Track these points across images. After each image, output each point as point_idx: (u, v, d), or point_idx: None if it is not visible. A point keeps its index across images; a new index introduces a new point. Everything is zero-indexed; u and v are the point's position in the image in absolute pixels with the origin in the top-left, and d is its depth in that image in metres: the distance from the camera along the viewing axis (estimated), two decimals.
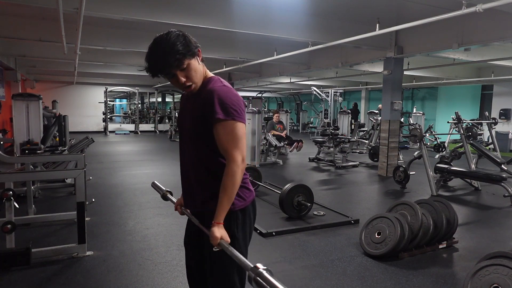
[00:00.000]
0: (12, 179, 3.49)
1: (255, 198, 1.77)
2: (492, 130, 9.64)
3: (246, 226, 1.68)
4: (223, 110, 1.52)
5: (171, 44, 1.50)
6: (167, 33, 1.53)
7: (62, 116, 7.68)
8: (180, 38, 1.52)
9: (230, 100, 1.55)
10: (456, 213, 3.83)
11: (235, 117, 1.54)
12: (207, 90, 1.59)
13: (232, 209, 1.61)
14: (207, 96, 1.56)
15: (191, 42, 1.55)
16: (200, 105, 1.59)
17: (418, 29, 6.52)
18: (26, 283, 2.88)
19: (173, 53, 1.49)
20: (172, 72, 1.54)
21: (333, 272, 3.17)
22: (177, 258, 3.38)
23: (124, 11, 5.10)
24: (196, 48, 1.57)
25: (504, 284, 2.37)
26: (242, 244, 1.66)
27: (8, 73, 11.08)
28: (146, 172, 7.81)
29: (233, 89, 1.63)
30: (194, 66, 1.57)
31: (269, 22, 6.04)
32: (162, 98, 24.72)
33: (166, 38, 1.51)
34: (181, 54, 1.50)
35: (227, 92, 1.57)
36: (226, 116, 1.52)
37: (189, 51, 1.53)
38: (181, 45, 1.51)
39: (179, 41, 1.51)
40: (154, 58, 1.53)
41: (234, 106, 1.55)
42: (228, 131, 1.53)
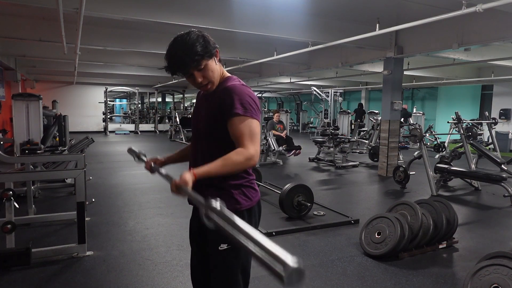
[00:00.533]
0: (12, 179, 3.49)
1: (260, 199, 1.77)
2: (492, 130, 9.64)
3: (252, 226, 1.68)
4: (242, 106, 1.54)
5: (191, 44, 1.52)
6: (188, 33, 1.56)
7: (62, 116, 7.69)
8: (199, 39, 1.54)
9: (248, 97, 1.57)
10: (456, 213, 3.83)
11: (253, 115, 1.56)
12: (226, 87, 1.60)
13: (239, 208, 1.62)
14: (226, 93, 1.58)
15: (210, 43, 1.58)
16: (217, 102, 1.60)
17: (418, 29, 6.52)
18: (26, 283, 2.88)
19: (192, 54, 1.52)
20: (190, 72, 1.57)
21: (333, 272, 3.17)
22: (177, 258, 3.38)
23: (124, 11, 5.10)
24: (214, 49, 1.59)
25: (504, 284, 2.37)
26: None
27: (8, 73, 11.08)
28: (146, 172, 7.79)
29: (250, 88, 1.65)
30: (212, 66, 1.59)
31: (269, 22, 6.04)
32: (162, 98, 24.72)
33: (186, 39, 1.54)
34: (200, 55, 1.53)
35: (245, 90, 1.59)
36: (245, 112, 1.54)
37: (207, 52, 1.55)
38: (200, 46, 1.53)
39: (199, 42, 1.53)
40: (174, 57, 1.55)
41: (252, 104, 1.57)
42: (246, 125, 1.54)
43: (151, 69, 13.38)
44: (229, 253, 1.61)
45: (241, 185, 1.66)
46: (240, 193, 1.64)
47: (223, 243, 1.61)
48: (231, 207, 1.60)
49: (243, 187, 1.65)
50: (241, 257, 1.64)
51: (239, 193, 1.64)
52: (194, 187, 1.71)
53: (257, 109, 1.60)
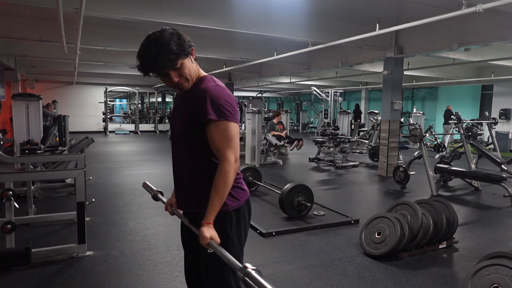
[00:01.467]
0: (12, 179, 3.49)
1: (249, 198, 1.75)
2: (492, 130, 9.64)
3: (241, 227, 1.67)
4: (215, 110, 1.50)
5: (165, 43, 1.46)
6: (161, 31, 1.49)
7: (62, 116, 7.69)
8: (174, 37, 1.48)
9: (223, 100, 1.53)
10: (456, 213, 3.83)
11: (228, 117, 1.52)
12: (200, 89, 1.56)
13: (226, 210, 1.59)
14: (200, 96, 1.54)
15: (185, 41, 1.52)
16: (192, 104, 1.57)
17: (418, 29, 6.52)
18: (26, 283, 2.88)
19: (166, 53, 1.46)
20: (165, 71, 1.52)
21: (333, 272, 3.17)
22: (177, 258, 3.38)
23: (124, 11, 5.10)
24: (190, 47, 1.53)
25: (504, 284, 2.37)
26: (237, 244, 1.65)
27: (8, 73, 11.08)
28: (146, 172, 7.81)
29: (226, 88, 1.61)
30: (188, 65, 1.54)
31: (269, 22, 6.04)
32: (162, 98, 24.72)
33: (160, 37, 1.47)
34: (175, 53, 1.47)
35: (219, 92, 1.54)
36: (218, 116, 1.50)
37: (183, 50, 1.50)
38: (175, 44, 1.47)
39: (173, 40, 1.47)
40: (147, 56, 1.49)
41: (227, 106, 1.53)
42: (221, 131, 1.51)
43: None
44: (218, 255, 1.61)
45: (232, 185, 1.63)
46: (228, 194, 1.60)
47: None
48: None
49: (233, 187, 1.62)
50: None
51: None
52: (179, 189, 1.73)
53: (232, 110, 1.54)
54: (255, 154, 8.45)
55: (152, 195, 1.99)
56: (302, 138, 9.22)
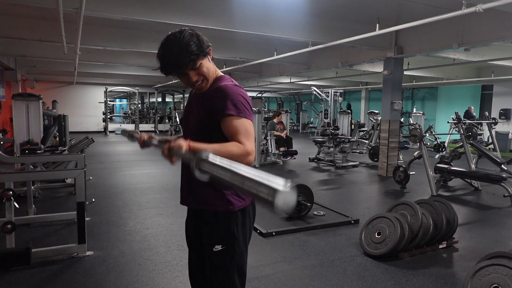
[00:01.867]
0: (12, 179, 3.49)
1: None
2: (492, 130, 9.64)
3: (246, 226, 1.68)
4: (235, 106, 1.52)
5: (185, 44, 1.48)
6: (181, 32, 1.51)
7: (62, 116, 7.68)
8: (193, 38, 1.51)
9: (242, 97, 1.55)
10: (456, 213, 3.83)
11: (246, 115, 1.53)
12: (218, 87, 1.58)
13: (232, 209, 1.60)
14: (218, 93, 1.55)
15: (204, 41, 1.54)
16: (209, 102, 1.58)
17: (418, 29, 6.51)
18: (26, 283, 2.88)
19: (187, 54, 1.48)
20: (186, 72, 1.54)
21: (333, 272, 3.17)
22: (177, 258, 3.38)
23: (124, 11, 5.10)
24: (208, 47, 1.56)
25: (504, 284, 2.37)
26: (242, 244, 1.65)
27: (8, 73, 11.08)
28: (146, 172, 7.81)
29: (242, 88, 1.63)
30: (206, 65, 1.57)
31: (269, 22, 6.04)
32: (162, 98, 24.71)
33: (180, 37, 1.49)
34: (195, 54, 1.50)
35: (238, 90, 1.57)
36: (238, 112, 1.51)
37: (202, 51, 1.52)
38: (195, 45, 1.49)
39: (193, 41, 1.50)
40: (168, 57, 1.51)
41: (245, 104, 1.55)
42: (241, 124, 1.51)
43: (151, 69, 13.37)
44: (224, 254, 1.61)
45: None
46: (233, 193, 1.61)
47: (218, 244, 1.60)
48: (224, 208, 1.60)
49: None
50: (236, 257, 1.63)
51: (232, 193, 1.62)
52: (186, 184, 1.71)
53: (249, 109, 1.57)
54: (255, 154, 8.44)
55: (127, 136, 1.89)
56: (297, 151, 9.19)
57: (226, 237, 1.59)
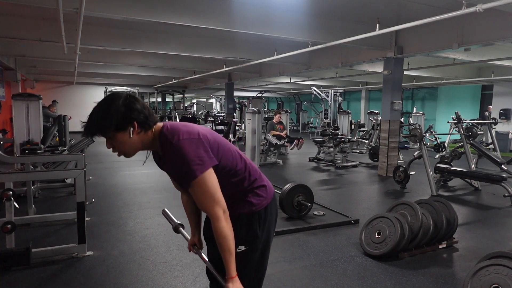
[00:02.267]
0: (12, 179, 3.48)
1: (274, 193, 1.77)
2: (492, 130, 9.64)
3: (270, 224, 1.70)
4: (188, 170, 1.45)
5: (97, 115, 1.46)
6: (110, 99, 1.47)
7: (62, 116, 7.68)
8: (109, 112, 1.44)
9: (188, 155, 1.45)
10: (456, 213, 3.83)
11: (202, 171, 1.45)
12: (166, 149, 1.51)
13: (255, 210, 1.63)
14: (171, 158, 1.50)
15: (124, 116, 1.45)
16: (173, 165, 1.53)
17: (418, 29, 6.52)
18: (26, 283, 2.88)
19: (97, 123, 1.46)
20: (99, 134, 1.49)
21: (333, 272, 3.17)
22: (177, 258, 3.38)
23: (124, 11, 5.10)
24: (129, 122, 1.46)
25: (504, 284, 2.37)
26: (264, 243, 1.68)
27: (8, 73, 11.08)
28: (146, 172, 7.81)
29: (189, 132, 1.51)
30: (120, 139, 1.48)
31: (269, 22, 6.04)
32: (162, 98, 24.65)
33: (103, 105, 1.47)
34: (104, 128, 1.45)
35: (183, 148, 1.46)
36: (193, 175, 1.44)
37: (113, 126, 1.44)
38: (108, 120, 1.44)
39: (106, 116, 1.44)
40: (89, 119, 1.49)
41: (196, 159, 1.45)
42: (201, 190, 1.47)
43: (151, 69, 13.38)
44: (247, 253, 1.63)
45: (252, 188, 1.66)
46: (253, 194, 1.65)
47: (241, 245, 1.61)
48: (247, 210, 1.63)
49: (255, 188, 1.66)
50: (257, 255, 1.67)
51: (252, 195, 1.65)
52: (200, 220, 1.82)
53: (202, 159, 1.46)
54: (255, 154, 8.45)
55: (173, 227, 1.89)
56: (302, 137, 9.21)
57: (249, 237, 1.62)
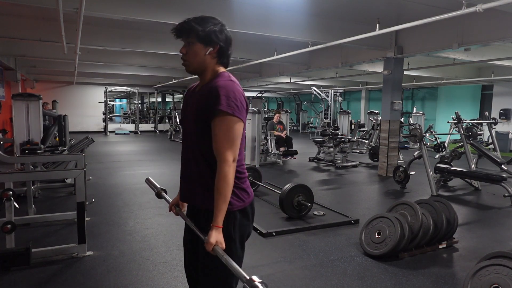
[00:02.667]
0: (12, 179, 3.48)
1: (253, 200, 1.75)
2: (492, 130, 9.64)
3: (244, 227, 1.67)
4: (227, 102, 1.52)
5: (199, 21, 1.61)
6: (213, 18, 1.66)
7: (62, 116, 7.68)
8: (210, 26, 1.61)
9: (233, 94, 1.55)
10: (456, 213, 3.83)
11: (235, 112, 1.53)
12: (213, 83, 1.59)
13: (230, 209, 1.59)
14: (212, 90, 1.56)
15: (216, 36, 1.62)
16: (204, 98, 1.59)
17: (418, 29, 6.52)
18: (26, 283, 2.88)
19: (190, 26, 1.59)
20: (178, 36, 1.63)
21: (333, 272, 3.17)
22: (177, 258, 3.38)
23: (124, 11, 5.10)
24: (214, 42, 1.62)
25: (504, 284, 2.37)
26: (238, 245, 1.65)
27: (8, 73, 11.08)
28: (146, 172, 7.81)
29: (239, 85, 1.64)
30: (197, 50, 1.61)
31: (269, 22, 6.04)
32: (162, 98, 24.73)
33: (204, 17, 1.64)
34: (194, 31, 1.58)
35: (231, 86, 1.57)
36: (227, 108, 1.51)
37: (201, 36, 1.59)
38: (203, 28, 1.59)
39: (206, 26, 1.59)
40: (187, 20, 1.63)
41: (237, 101, 1.54)
42: (225, 127, 1.52)
43: (151, 69, 13.37)
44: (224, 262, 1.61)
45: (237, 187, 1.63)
46: (232, 194, 1.60)
47: None
48: None
49: (235, 189, 1.62)
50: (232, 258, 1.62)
51: (234, 195, 1.62)
52: (185, 182, 1.75)
53: (241, 106, 1.56)
54: (255, 154, 8.45)
55: (155, 193, 1.96)
56: (297, 151, 9.20)
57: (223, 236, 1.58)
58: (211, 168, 1.61)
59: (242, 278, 1.25)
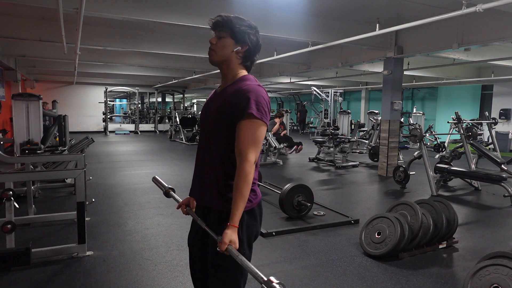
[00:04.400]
0: (12, 179, 3.49)
1: (261, 200, 1.76)
2: (492, 130, 9.64)
3: (252, 228, 1.68)
4: (256, 107, 1.54)
5: (238, 19, 1.65)
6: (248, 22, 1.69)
7: (62, 116, 7.68)
8: (245, 27, 1.65)
9: (263, 99, 1.59)
10: (456, 213, 3.83)
11: (263, 118, 1.57)
12: (241, 86, 1.62)
13: None
14: (241, 92, 1.58)
15: (248, 36, 1.66)
16: (228, 99, 1.60)
17: (418, 29, 6.52)
18: (26, 283, 2.88)
19: (228, 21, 1.63)
20: (214, 30, 1.67)
21: (333, 272, 3.17)
22: (177, 258, 3.38)
23: (124, 11, 5.10)
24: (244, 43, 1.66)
25: (504, 284, 2.37)
26: (246, 246, 1.65)
27: (8, 73, 11.08)
28: (146, 172, 7.81)
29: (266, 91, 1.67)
30: (227, 44, 1.65)
31: (269, 22, 6.04)
32: (162, 98, 24.73)
33: (244, 19, 1.68)
34: (228, 27, 1.63)
35: (260, 92, 1.61)
36: (258, 113, 1.54)
37: (235, 33, 1.63)
38: (239, 26, 1.63)
39: (242, 25, 1.64)
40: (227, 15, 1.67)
41: (265, 107, 1.59)
42: (253, 129, 1.54)
43: (151, 69, 13.37)
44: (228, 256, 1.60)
45: None
46: None
47: None
48: None
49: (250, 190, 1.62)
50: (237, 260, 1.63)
51: None
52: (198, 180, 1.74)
53: (268, 112, 1.61)
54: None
55: (163, 192, 1.93)
56: (301, 142, 9.20)
57: None
58: (226, 171, 1.63)
59: (259, 279, 1.24)
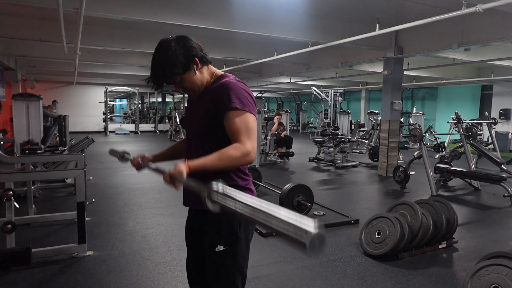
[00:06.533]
0: (12, 179, 3.49)
1: None
2: (492, 130, 9.64)
3: (249, 227, 1.67)
4: (239, 100, 1.52)
5: (162, 63, 1.51)
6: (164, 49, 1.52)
7: (62, 116, 7.69)
8: (171, 55, 1.50)
9: (245, 92, 1.56)
10: (456, 213, 3.83)
11: (250, 109, 1.54)
12: (221, 83, 1.59)
13: None
14: (221, 88, 1.56)
15: (186, 54, 1.52)
16: (211, 99, 1.58)
17: (418, 29, 6.51)
18: (26, 283, 2.88)
19: (162, 74, 1.53)
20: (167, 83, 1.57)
21: (333, 272, 3.17)
22: (177, 258, 3.38)
23: (124, 11, 5.10)
24: (190, 60, 1.54)
25: (504, 284, 2.37)
26: (244, 245, 1.64)
27: (8, 73, 11.08)
28: (146, 172, 7.80)
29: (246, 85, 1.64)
30: (189, 79, 1.57)
31: (269, 22, 6.04)
32: (162, 98, 24.72)
33: (158, 58, 1.53)
34: (168, 74, 1.52)
35: (241, 85, 1.58)
36: (242, 106, 1.51)
37: (179, 66, 1.51)
38: (169, 65, 1.50)
39: (169, 60, 1.50)
40: (151, 73, 1.55)
41: (249, 98, 1.56)
42: (243, 120, 1.51)
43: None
44: (226, 255, 1.59)
45: (237, 186, 1.61)
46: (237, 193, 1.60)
47: (220, 244, 1.58)
48: None
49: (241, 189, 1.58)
50: (238, 258, 1.62)
51: None
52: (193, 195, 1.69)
53: (253, 104, 1.58)
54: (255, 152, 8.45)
55: (118, 157, 1.91)
56: (293, 152, 9.24)
57: (229, 237, 1.58)
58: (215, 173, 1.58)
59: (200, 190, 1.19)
